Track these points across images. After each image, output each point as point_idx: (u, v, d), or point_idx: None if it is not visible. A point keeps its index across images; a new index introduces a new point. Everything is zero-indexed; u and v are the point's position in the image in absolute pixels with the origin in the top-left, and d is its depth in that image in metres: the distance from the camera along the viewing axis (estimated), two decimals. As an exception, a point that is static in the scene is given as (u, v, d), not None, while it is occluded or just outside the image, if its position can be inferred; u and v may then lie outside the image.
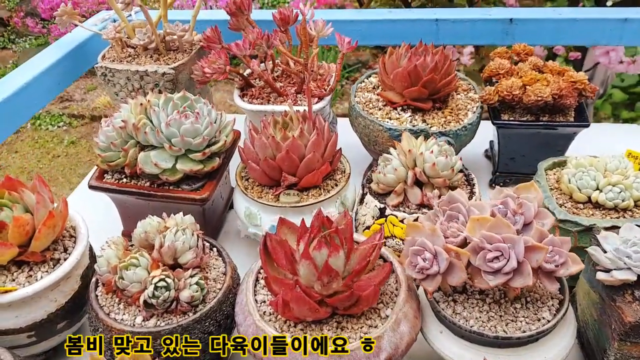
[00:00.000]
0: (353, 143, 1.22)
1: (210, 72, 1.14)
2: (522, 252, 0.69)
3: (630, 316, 0.69)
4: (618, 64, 2.25)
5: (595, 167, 0.93)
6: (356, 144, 1.22)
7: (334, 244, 0.74)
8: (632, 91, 3.28)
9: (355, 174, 1.09)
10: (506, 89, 1.11)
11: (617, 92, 3.32)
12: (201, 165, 0.99)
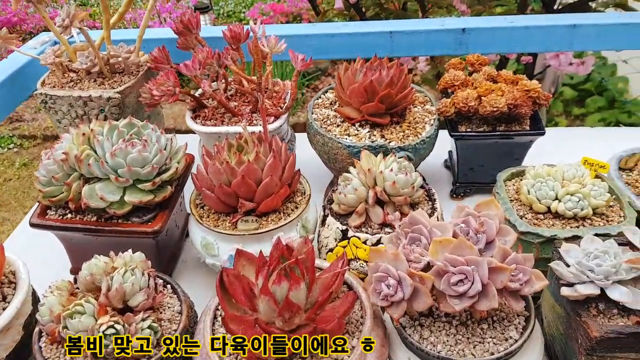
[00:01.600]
0: (313, 158, 1.19)
1: (159, 95, 1.09)
2: (486, 274, 0.67)
3: (596, 331, 0.68)
4: (568, 66, 2.31)
5: (553, 176, 0.93)
6: (317, 159, 1.19)
7: (294, 276, 0.70)
8: (582, 88, 3.39)
9: (317, 190, 1.06)
10: (462, 100, 1.10)
11: (568, 90, 3.43)
12: (152, 196, 0.94)
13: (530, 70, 2.44)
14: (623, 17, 1.31)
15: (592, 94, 3.32)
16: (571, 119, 3.35)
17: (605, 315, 0.70)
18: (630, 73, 3.25)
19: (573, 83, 3.43)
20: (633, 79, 3.27)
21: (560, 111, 3.33)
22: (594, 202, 0.89)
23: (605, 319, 0.70)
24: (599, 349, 0.69)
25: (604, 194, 0.90)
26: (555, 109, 3.30)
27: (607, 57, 3.46)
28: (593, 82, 3.36)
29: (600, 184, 0.91)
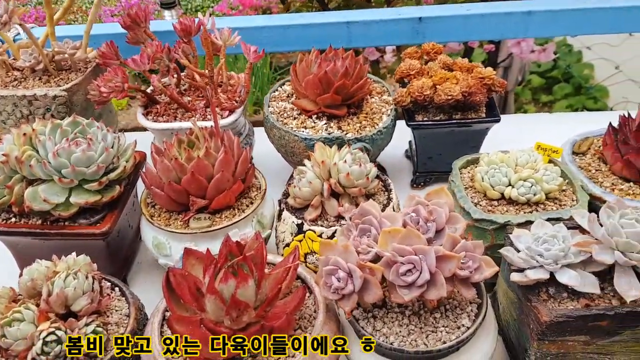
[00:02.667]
0: (273, 153, 1.17)
1: (107, 92, 1.06)
2: (433, 262, 0.66)
3: (546, 315, 0.68)
4: (530, 53, 2.34)
5: (506, 163, 0.93)
6: (277, 153, 1.17)
7: (242, 273, 0.68)
8: (549, 76, 3.44)
9: (278, 185, 1.04)
10: (417, 89, 1.10)
11: (535, 78, 3.47)
12: (99, 196, 0.91)
13: (493, 58, 2.47)
14: (576, 2, 1.31)
15: (559, 81, 3.37)
16: (539, 106, 3.40)
17: (556, 300, 0.71)
18: (594, 59, 3.30)
19: (540, 71, 3.47)
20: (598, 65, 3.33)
21: (529, 99, 3.37)
22: (546, 187, 0.89)
23: (556, 303, 0.70)
24: (549, 333, 0.69)
25: (557, 178, 0.90)
26: (523, 96, 3.34)
27: (572, 45, 3.51)
28: (560, 70, 3.41)
29: (552, 168, 0.92)
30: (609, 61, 3.28)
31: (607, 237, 0.69)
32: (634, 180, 0.93)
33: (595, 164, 0.99)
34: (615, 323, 0.68)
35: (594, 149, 1.02)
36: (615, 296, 0.70)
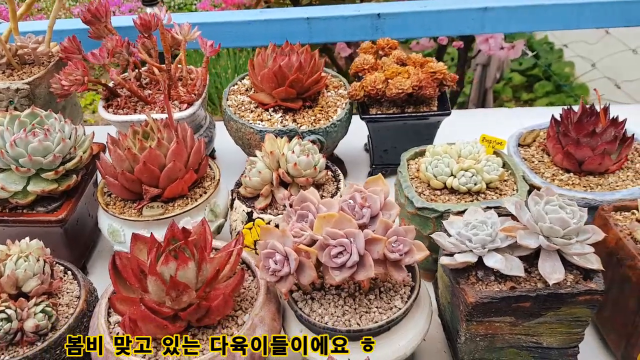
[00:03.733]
0: (235, 145, 1.20)
1: (68, 85, 1.08)
2: (362, 245, 0.70)
3: (472, 297, 0.72)
4: (499, 50, 2.38)
5: (450, 154, 0.97)
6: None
7: (182, 256, 0.72)
8: (530, 74, 3.49)
9: (237, 176, 1.07)
10: (370, 83, 1.13)
11: (516, 76, 3.52)
12: (55, 185, 0.93)
13: (463, 56, 2.51)
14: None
15: (540, 79, 3.42)
16: (520, 104, 3.45)
17: (484, 283, 0.74)
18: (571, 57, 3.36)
19: (522, 69, 3.51)
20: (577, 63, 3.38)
21: (510, 97, 3.42)
22: (487, 177, 0.93)
23: (483, 285, 0.74)
24: (475, 314, 0.73)
25: (498, 169, 0.94)
26: (504, 94, 3.39)
27: (553, 42, 3.56)
28: (540, 68, 3.46)
29: (494, 159, 0.96)
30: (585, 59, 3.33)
31: (531, 223, 0.73)
32: (574, 171, 0.97)
33: (538, 156, 1.03)
34: (538, 304, 0.71)
35: (538, 142, 1.06)
36: (540, 279, 0.74)
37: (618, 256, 0.79)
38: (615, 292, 0.81)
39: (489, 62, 3.09)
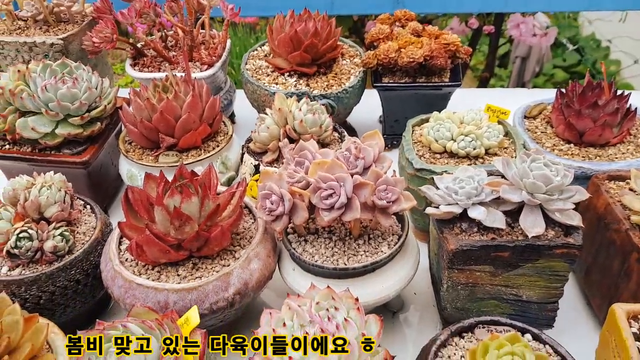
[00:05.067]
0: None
1: (98, 42, 1.16)
2: (350, 188, 0.74)
3: (453, 244, 0.76)
4: (531, 37, 2.36)
5: (452, 119, 1.00)
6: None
7: (187, 191, 0.78)
8: (573, 70, 3.41)
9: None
10: (383, 52, 1.17)
11: (559, 72, 3.44)
12: (81, 130, 1.01)
13: (494, 41, 2.49)
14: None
15: (584, 77, 3.33)
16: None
17: (467, 233, 0.78)
18: (614, 52, 3.27)
19: (565, 65, 3.44)
20: (620, 58, 3.29)
21: (550, 92, 3.35)
22: (486, 143, 0.96)
23: (466, 236, 0.78)
24: (456, 261, 0.76)
25: (498, 135, 0.97)
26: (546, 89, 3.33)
27: (600, 39, 3.48)
28: (585, 65, 3.38)
29: (496, 127, 0.98)
30: (628, 54, 3.25)
31: (515, 178, 0.76)
32: (574, 142, 0.99)
33: (542, 127, 1.05)
34: (516, 255, 0.75)
35: (544, 114, 1.08)
36: (522, 233, 0.77)
37: (606, 220, 0.81)
38: (602, 256, 0.83)
39: (528, 54, 3.05)
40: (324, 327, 0.61)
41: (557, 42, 3.33)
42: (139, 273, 0.78)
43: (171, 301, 0.74)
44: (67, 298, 0.83)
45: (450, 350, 0.68)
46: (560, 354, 0.65)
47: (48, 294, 0.81)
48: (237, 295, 0.77)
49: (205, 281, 0.75)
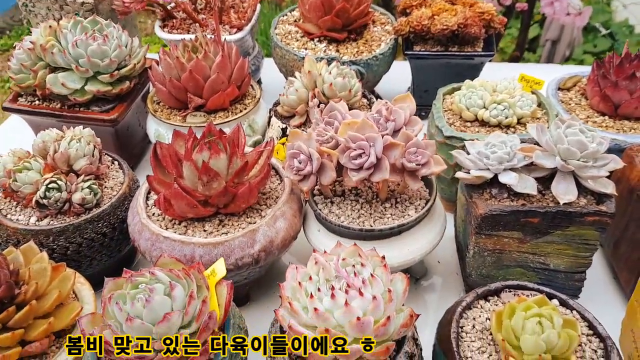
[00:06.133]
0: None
1: (128, 1, 1.16)
2: (380, 148, 0.74)
3: (482, 209, 0.74)
4: (565, 16, 2.29)
5: (485, 87, 0.98)
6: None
7: (215, 147, 0.78)
8: (604, 57, 3.31)
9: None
10: (416, 19, 1.15)
11: (589, 58, 3.35)
12: (110, 87, 1.02)
13: (526, 19, 2.43)
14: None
15: None
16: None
17: (497, 199, 0.77)
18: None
19: (596, 51, 3.34)
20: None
21: (579, 77, 3.27)
22: (519, 112, 0.94)
23: (495, 201, 0.76)
24: (484, 226, 0.75)
25: (531, 105, 0.95)
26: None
27: (634, 26, 3.36)
28: (617, 52, 3.27)
29: (529, 96, 0.96)
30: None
31: (550, 144, 0.75)
32: (609, 114, 0.96)
33: (576, 99, 1.02)
34: (546, 221, 0.73)
35: (579, 86, 1.05)
36: (553, 200, 0.75)
37: (639, 192, 0.79)
38: (632, 228, 0.81)
39: (559, 37, 2.97)
40: (350, 282, 0.61)
41: (589, 27, 3.24)
42: (166, 227, 0.79)
43: (197, 255, 0.74)
44: (94, 251, 0.85)
45: (475, 312, 0.67)
46: (587, 320, 0.64)
47: (75, 245, 0.82)
48: (263, 252, 0.77)
49: (232, 237, 0.75)
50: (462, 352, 0.63)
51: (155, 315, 0.58)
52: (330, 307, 0.59)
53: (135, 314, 0.58)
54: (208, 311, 0.61)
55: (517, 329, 0.59)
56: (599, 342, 0.63)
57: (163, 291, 0.60)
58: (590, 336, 0.63)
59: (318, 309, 0.59)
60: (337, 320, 0.59)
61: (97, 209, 0.83)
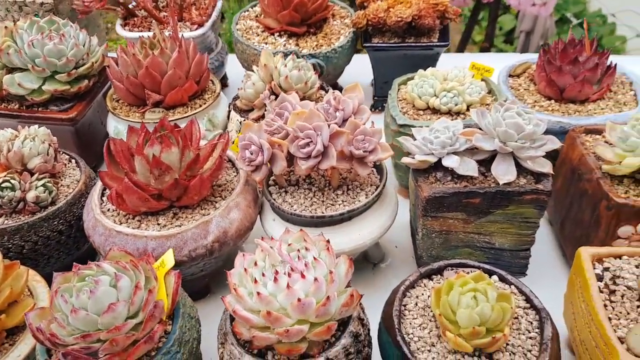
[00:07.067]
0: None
1: (88, 1, 1.17)
2: (327, 137, 0.76)
3: (426, 192, 0.77)
4: (530, 7, 2.33)
5: (436, 76, 1.00)
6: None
7: (167, 141, 0.79)
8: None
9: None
10: (372, 12, 1.17)
11: None
12: (68, 86, 1.03)
13: (494, 12, 2.47)
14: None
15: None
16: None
17: (441, 182, 0.79)
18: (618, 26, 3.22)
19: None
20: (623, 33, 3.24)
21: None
22: (468, 99, 0.97)
23: (440, 184, 0.79)
24: (429, 208, 0.78)
25: (480, 92, 0.97)
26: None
27: (606, 15, 3.42)
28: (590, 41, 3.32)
29: (478, 83, 0.99)
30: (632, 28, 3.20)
31: (489, 127, 0.77)
32: (555, 98, 0.99)
33: (525, 85, 1.05)
34: (487, 202, 0.76)
35: (528, 73, 1.08)
36: (495, 181, 0.78)
37: (579, 172, 0.82)
38: (575, 207, 0.84)
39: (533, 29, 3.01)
40: (294, 266, 0.63)
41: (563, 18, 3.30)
42: (120, 222, 0.80)
43: (150, 248, 0.76)
44: (51, 248, 0.85)
45: (419, 290, 0.69)
46: (524, 294, 0.67)
47: (31, 243, 0.83)
48: (216, 243, 0.79)
49: (184, 228, 0.77)
50: (404, 329, 0.65)
51: (100, 306, 0.60)
52: (274, 290, 0.61)
53: (80, 305, 0.60)
54: (154, 300, 0.62)
55: (453, 304, 0.62)
56: (535, 315, 0.65)
57: (109, 282, 0.61)
58: (527, 309, 0.66)
59: (261, 292, 0.61)
60: (281, 303, 0.61)
61: (52, 207, 0.84)
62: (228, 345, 0.65)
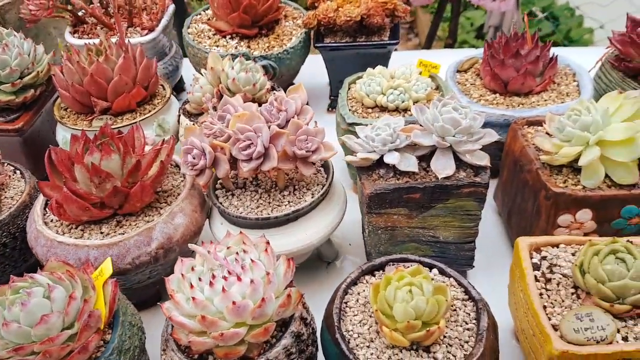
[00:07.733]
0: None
1: (35, 9, 1.15)
2: (267, 138, 0.76)
3: (368, 188, 0.77)
4: (490, 2, 2.36)
5: (383, 74, 1.01)
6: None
7: (107, 148, 0.79)
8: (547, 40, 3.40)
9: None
10: (322, 12, 1.17)
11: None
12: (13, 96, 1.01)
13: (456, 7, 2.49)
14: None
15: (559, 46, 3.36)
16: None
17: (384, 179, 0.80)
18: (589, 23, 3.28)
19: (541, 35, 3.44)
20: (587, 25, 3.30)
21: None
22: (414, 95, 0.97)
23: (382, 181, 0.79)
24: (373, 205, 0.78)
25: (426, 88, 0.98)
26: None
27: (574, 9, 3.48)
28: (560, 34, 3.38)
29: (424, 80, 1.00)
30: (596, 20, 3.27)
31: (427, 123, 0.78)
32: (500, 92, 1.01)
33: (471, 80, 1.07)
34: (427, 196, 0.77)
35: (475, 68, 1.10)
36: (435, 176, 0.78)
37: (520, 163, 0.83)
38: (519, 198, 0.86)
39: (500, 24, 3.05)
40: (231, 269, 0.63)
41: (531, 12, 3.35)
42: (62, 232, 0.79)
43: (92, 257, 0.75)
44: (-4, 261, 0.84)
45: (361, 287, 0.70)
46: (463, 286, 0.68)
47: (-24, 256, 0.82)
48: (161, 249, 0.78)
49: (127, 236, 0.76)
50: (345, 326, 0.65)
51: (33, 317, 0.59)
52: (210, 294, 0.61)
53: (12, 318, 0.59)
54: (90, 310, 0.62)
55: (390, 299, 0.62)
56: (472, 306, 0.66)
57: (42, 294, 0.61)
58: (465, 300, 0.67)
59: (196, 297, 0.61)
60: (217, 306, 0.61)
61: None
62: (169, 352, 0.65)
